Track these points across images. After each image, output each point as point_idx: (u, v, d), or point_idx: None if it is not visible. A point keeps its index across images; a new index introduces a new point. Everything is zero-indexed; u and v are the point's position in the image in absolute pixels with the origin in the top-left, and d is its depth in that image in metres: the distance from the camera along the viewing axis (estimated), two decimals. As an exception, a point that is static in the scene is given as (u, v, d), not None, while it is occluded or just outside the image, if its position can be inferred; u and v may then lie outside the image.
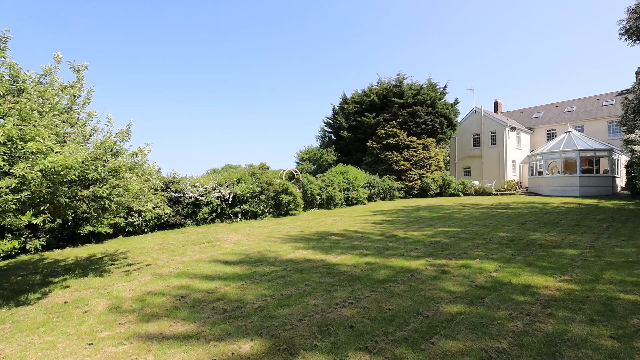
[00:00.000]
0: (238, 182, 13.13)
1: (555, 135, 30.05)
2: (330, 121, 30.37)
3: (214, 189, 12.22)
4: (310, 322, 3.37)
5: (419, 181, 25.08)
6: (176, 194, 11.23)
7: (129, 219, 9.68)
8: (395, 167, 24.85)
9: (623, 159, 23.60)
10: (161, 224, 10.86)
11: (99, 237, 9.44)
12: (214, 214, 12.01)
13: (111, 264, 6.41)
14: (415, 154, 25.39)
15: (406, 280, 4.64)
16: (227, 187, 12.58)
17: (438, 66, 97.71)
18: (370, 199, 21.17)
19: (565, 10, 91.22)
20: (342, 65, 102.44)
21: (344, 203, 18.24)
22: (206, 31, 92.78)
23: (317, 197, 16.61)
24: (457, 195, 24.55)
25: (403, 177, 24.88)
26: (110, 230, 9.15)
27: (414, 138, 25.70)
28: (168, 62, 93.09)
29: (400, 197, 24.02)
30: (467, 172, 32.14)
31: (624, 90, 23.33)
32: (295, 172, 18.59)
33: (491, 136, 30.31)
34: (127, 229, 9.95)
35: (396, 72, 38.10)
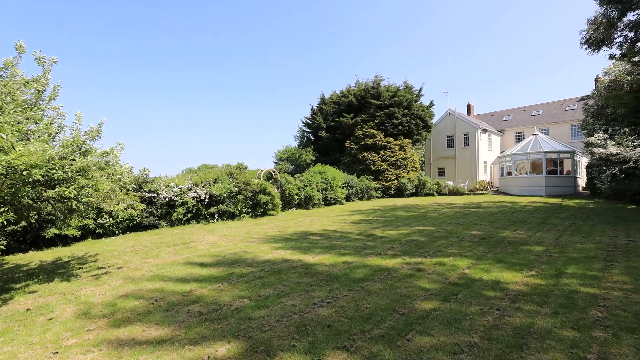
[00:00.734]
0: (215, 182, 12.87)
1: (524, 138, 31.57)
2: (309, 121, 30.41)
3: (190, 189, 11.91)
4: (288, 322, 3.36)
5: (396, 181, 25.60)
6: (150, 194, 10.85)
7: (99, 221, 9.23)
8: (373, 168, 25.22)
9: (584, 161, 25.14)
10: (134, 226, 10.46)
11: (65, 240, 8.95)
12: (189, 215, 11.71)
13: (79, 268, 6.10)
14: (392, 155, 25.89)
15: (383, 279, 4.73)
16: (203, 187, 12.30)
17: (413, 69, 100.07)
18: (348, 198, 21.37)
19: (533, 18, 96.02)
20: (320, 65, 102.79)
21: (322, 203, 18.30)
22: (183, 31, 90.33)
23: (296, 197, 16.58)
24: (432, 195, 25.26)
25: (380, 177, 25.30)
26: (79, 233, 8.70)
27: (391, 139, 26.20)
28: (142, 60, 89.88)
29: (378, 197, 24.40)
30: (441, 173, 33.14)
31: (585, 96, 24.87)
32: (274, 172, 18.46)
33: (464, 138, 31.41)
34: (96, 231, 9.51)
35: (373, 73, 38.64)
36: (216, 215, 12.34)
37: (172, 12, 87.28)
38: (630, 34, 14.35)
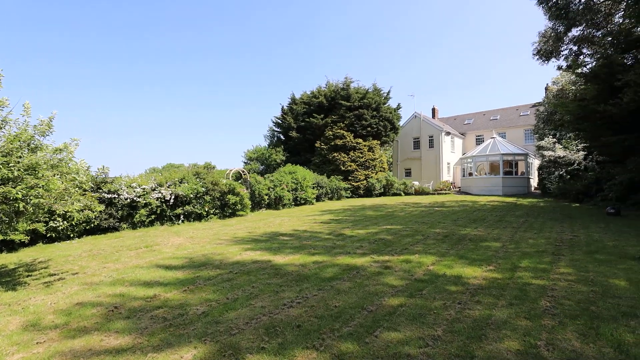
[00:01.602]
0: (181, 182, 12.40)
1: (483, 140, 33.45)
2: (279, 121, 30.19)
3: (154, 190, 11.38)
4: (257, 324, 3.32)
5: (365, 181, 26.11)
6: (109, 195, 10.22)
7: (51, 224, 8.56)
8: (343, 168, 25.55)
9: (536, 163, 27.11)
10: (91, 229, 9.80)
11: (12, 246, 8.18)
12: (153, 216, 11.19)
13: (27, 275, 5.62)
14: (361, 155, 26.37)
15: (352, 277, 4.81)
16: (168, 187, 11.81)
17: (382, 72, 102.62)
18: (318, 199, 21.48)
19: (493, 28, 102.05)
20: (291, 65, 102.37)
21: (293, 203, 18.25)
22: (150, 26, 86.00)
23: (265, 197, 16.39)
24: (400, 194, 26.05)
25: (350, 178, 25.68)
26: (27, 238, 8.00)
27: (360, 140, 26.69)
28: (102, 57, 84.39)
29: (347, 197, 24.75)
30: (408, 173, 34.27)
31: (537, 103, 26.84)
32: (243, 172, 18.12)
33: (429, 140, 32.72)
34: (48, 235, 8.79)
35: (343, 75, 39.16)
36: (182, 217, 11.89)
37: (138, 8, 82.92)
38: (575, 48, 15.69)
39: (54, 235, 8.86)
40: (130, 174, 11.78)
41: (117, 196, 10.38)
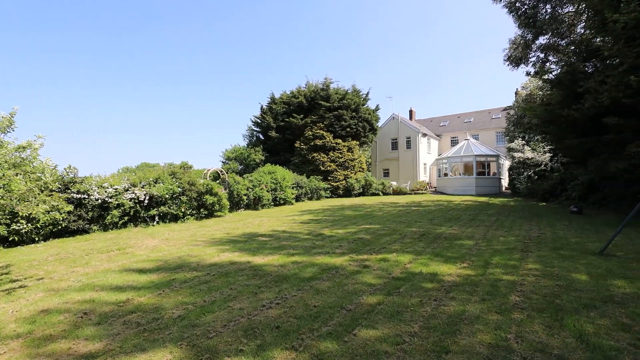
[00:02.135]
0: (156, 182, 12.01)
1: (458, 142, 34.58)
2: (259, 120, 29.86)
3: (127, 190, 10.95)
4: (236, 326, 3.28)
5: (344, 181, 26.32)
6: (79, 196, 9.73)
7: (14, 227, 8.04)
8: (322, 168, 25.64)
9: (506, 164, 28.33)
10: (59, 231, 9.29)
11: (-34, 250, 7.63)
12: (126, 218, 10.76)
13: (-15, 282, 5.25)
14: (340, 156, 26.57)
15: (331, 277, 4.84)
16: (142, 187, 11.40)
17: (361, 73, 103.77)
18: (298, 199, 21.43)
19: (468, 33, 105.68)
20: (271, 64, 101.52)
21: (272, 203, 18.11)
22: (123, 22, 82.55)
23: (244, 197, 16.17)
24: (378, 194, 26.46)
25: (329, 178, 25.81)
26: (-16, 241, 7.49)
27: (340, 140, 26.88)
28: (73, 54, 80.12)
29: (327, 197, 24.85)
30: (386, 173, 34.86)
31: (507, 106, 28.10)
32: (221, 171, 17.80)
33: (407, 141, 33.44)
34: (10, 239, 8.26)
35: (323, 76, 39.32)
36: (157, 218, 11.52)
37: (111, 4, 79.37)
38: (542, 55, 16.56)
39: (16, 238, 8.33)
40: (102, 173, 11.29)
41: (87, 197, 9.91)
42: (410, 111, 40.21)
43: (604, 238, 7.19)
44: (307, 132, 26.48)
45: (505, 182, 28.23)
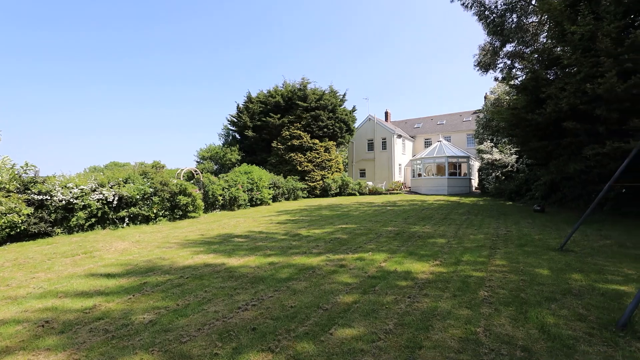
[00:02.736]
0: (126, 182, 11.50)
1: (431, 143, 35.67)
2: (235, 119, 29.37)
3: (94, 190, 10.41)
4: (210, 330, 3.21)
5: (321, 182, 26.42)
6: (40, 197, 9.12)
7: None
8: (299, 168, 25.61)
9: (476, 165, 29.56)
10: (17, 235, 8.66)
11: None
12: (93, 220, 10.21)
13: None
14: (317, 156, 26.65)
15: (308, 277, 4.85)
16: (111, 187, 10.88)
17: (337, 74, 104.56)
18: (274, 199, 21.27)
19: (443, 38, 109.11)
20: (247, 63, 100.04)
21: (248, 204, 17.86)
22: (97, 20, 78.25)
23: (220, 198, 15.83)
24: (354, 194, 26.77)
25: (306, 178, 25.82)
26: None
27: (317, 141, 26.96)
28: (42, 52, 74.96)
29: (304, 197, 24.83)
30: (362, 174, 35.34)
31: (477, 110, 29.29)
32: (195, 171, 17.34)
33: (382, 142, 34.07)
34: (-42, 243, 7.61)
35: (300, 76, 39.27)
36: (127, 220, 11.03)
37: (88, 1, 75.08)
38: (509, 62, 17.43)
39: (-33, 243, 7.70)
40: (67, 173, 10.66)
41: (49, 198, 9.31)
42: (386, 113, 41.01)
43: (564, 235, 7.67)
44: (284, 132, 26.35)
45: (475, 182, 29.45)
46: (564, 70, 11.24)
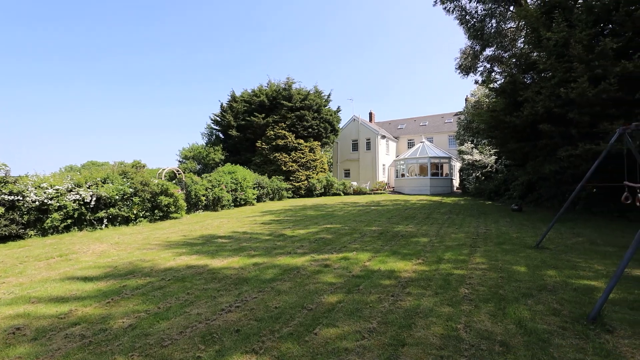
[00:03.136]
0: (104, 182, 11.13)
1: (414, 144, 36.28)
2: (218, 119, 28.94)
3: (70, 191, 10.02)
4: (193, 333, 3.15)
5: (306, 182, 26.40)
6: (11, 197, 8.70)
7: None
8: (284, 168, 25.50)
9: (457, 165, 30.27)
10: (-17, 238, 8.24)
11: None
12: (69, 221, 9.83)
13: None
14: (302, 156, 26.62)
15: (292, 277, 4.84)
16: (88, 188, 10.50)
17: (322, 75, 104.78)
18: (259, 199, 21.10)
19: (426, 41, 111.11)
20: (230, 61, 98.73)
21: (232, 204, 17.65)
22: (74, 15, 75.14)
23: (203, 198, 15.56)
24: (339, 194, 26.88)
25: (291, 178, 25.74)
26: None
27: (302, 141, 26.93)
28: (19, 49, 71.33)
29: (289, 197, 24.75)
30: (347, 174, 35.55)
31: (458, 112, 30.03)
32: (178, 171, 17.00)
33: (366, 142, 34.39)
34: None
35: (285, 75, 39.13)
36: (105, 221, 10.67)
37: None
38: (488, 66, 17.94)
39: None
40: (41, 172, 10.22)
41: (21, 198, 8.90)
42: (370, 114, 41.41)
43: (540, 233, 7.97)
44: (268, 131, 26.17)
45: (456, 182, 30.16)
46: (540, 74, 11.69)
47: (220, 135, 30.40)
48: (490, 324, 3.22)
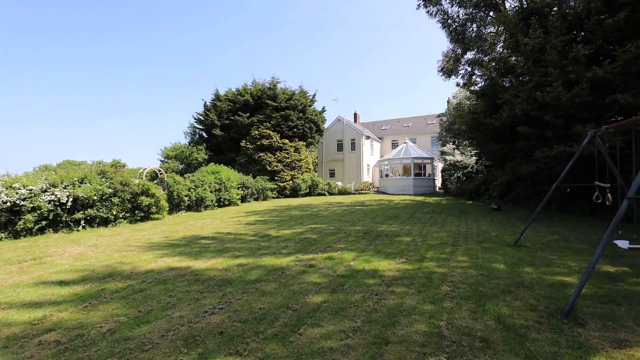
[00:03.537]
0: (81, 182, 10.75)
1: (398, 145, 36.78)
2: (202, 118, 28.44)
3: (45, 191, 9.62)
4: (175, 336, 3.09)
5: (291, 182, 26.32)
6: (-23, 199, 8.29)
7: None
8: (269, 168, 25.34)
9: (440, 166, 30.90)
10: (-52, 241, 7.80)
11: None
12: (43, 223, 9.43)
13: None
14: (287, 156, 26.52)
15: (277, 278, 4.82)
16: (65, 188, 10.11)
17: (307, 75, 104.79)
18: (243, 199, 20.88)
19: (405, 45, 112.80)
20: (214, 58, 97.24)
21: (216, 205, 17.39)
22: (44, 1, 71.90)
23: (185, 198, 15.26)
24: (324, 194, 26.94)
25: (276, 178, 25.60)
26: None
27: (287, 141, 26.82)
28: None
29: (273, 197, 24.61)
30: (332, 174, 35.68)
31: (441, 113, 30.66)
32: (159, 171, 16.61)
33: (351, 143, 34.62)
34: None
35: (270, 75, 38.89)
36: (83, 222, 10.30)
37: (16, -33, 68.72)
38: (469, 69, 18.40)
39: None
40: (12, 172, 9.77)
41: (-11, 200, 8.48)
42: (355, 114, 41.71)
43: (517, 231, 8.25)
44: (253, 131, 25.94)
45: (438, 182, 30.78)
46: (518, 78, 12.09)
47: (204, 134, 29.89)
48: (470, 320, 3.30)
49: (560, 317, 3.31)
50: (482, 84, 14.43)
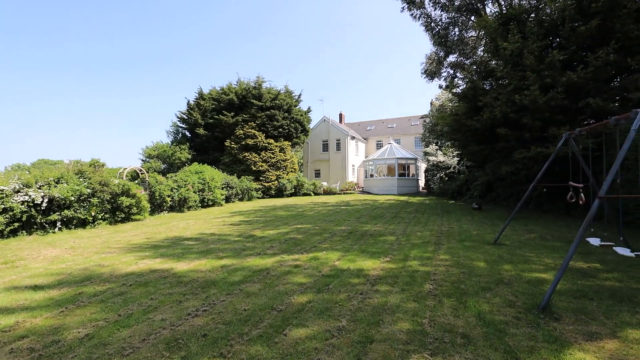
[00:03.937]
0: (58, 182, 10.34)
1: (382, 145, 37.19)
2: (185, 116, 27.90)
3: (18, 191, 9.20)
4: (157, 339, 3.02)
5: (276, 182, 26.19)
6: (-58, 200, 7.84)
7: None
8: (254, 168, 25.12)
9: (423, 166, 31.45)
10: None
11: None
12: (16, 224, 9.02)
13: None
14: (272, 156, 26.37)
15: (262, 279, 4.79)
16: (39, 188, 9.71)
17: (293, 75, 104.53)
18: (228, 200, 20.62)
19: (390, 47, 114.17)
20: (197, 55, 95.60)
21: (200, 205, 17.11)
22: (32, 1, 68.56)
23: (168, 199, 14.94)
24: (309, 194, 26.95)
25: (261, 178, 25.41)
26: None
27: (272, 140, 26.67)
28: None
29: (259, 198, 24.42)
30: (317, 174, 35.73)
31: (424, 115, 31.19)
32: (140, 170, 16.18)
33: (337, 143, 34.77)
34: None
35: (255, 74, 38.59)
36: (59, 224, 9.91)
37: (-15, -44, 65.35)
38: (451, 71, 18.82)
39: None
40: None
41: (-44, 201, 8.04)
42: (340, 115, 41.90)
43: (497, 230, 8.50)
44: (238, 130, 25.65)
45: (422, 182, 31.32)
46: (498, 81, 12.46)
47: (187, 133, 29.34)
48: (452, 317, 3.38)
49: (537, 312, 3.43)
50: (464, 86, 14.78)
